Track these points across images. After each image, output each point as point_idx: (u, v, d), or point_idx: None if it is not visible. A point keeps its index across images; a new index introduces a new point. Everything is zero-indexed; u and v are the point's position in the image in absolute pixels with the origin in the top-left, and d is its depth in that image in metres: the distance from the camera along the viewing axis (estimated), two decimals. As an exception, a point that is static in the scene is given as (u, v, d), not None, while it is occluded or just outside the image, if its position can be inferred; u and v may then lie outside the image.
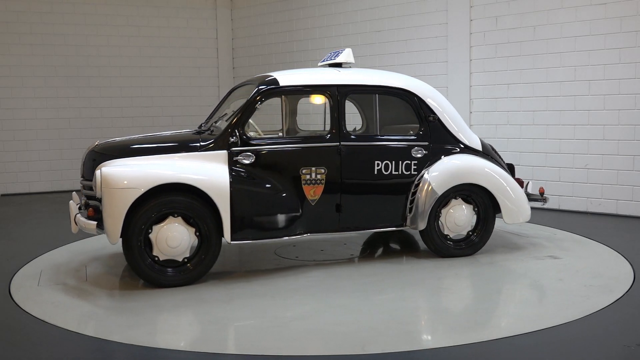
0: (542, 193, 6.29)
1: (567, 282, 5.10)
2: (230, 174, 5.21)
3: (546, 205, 6.80)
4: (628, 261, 5.69)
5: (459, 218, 5.82)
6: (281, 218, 5.37)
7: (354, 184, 5.64)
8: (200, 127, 6.09)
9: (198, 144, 5.31)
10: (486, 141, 6.46)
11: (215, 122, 5.82)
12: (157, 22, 11.41)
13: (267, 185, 5.36)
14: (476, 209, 5.91)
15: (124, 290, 5.21)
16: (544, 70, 8.17)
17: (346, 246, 6.46)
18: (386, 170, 5.72)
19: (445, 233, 5.86)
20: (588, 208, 7.99)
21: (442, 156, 5.85)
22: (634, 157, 7.61)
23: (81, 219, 5.20)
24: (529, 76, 8.31)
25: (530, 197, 6.20)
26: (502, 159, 6.31)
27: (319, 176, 5.51)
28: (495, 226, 6.06)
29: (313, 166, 5.49)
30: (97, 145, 5.57)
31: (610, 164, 7.77)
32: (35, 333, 4.26)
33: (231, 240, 5.20)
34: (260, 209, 5.29)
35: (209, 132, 5.68)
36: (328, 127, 5.66)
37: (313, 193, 5.50)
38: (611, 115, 7.73)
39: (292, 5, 10.97)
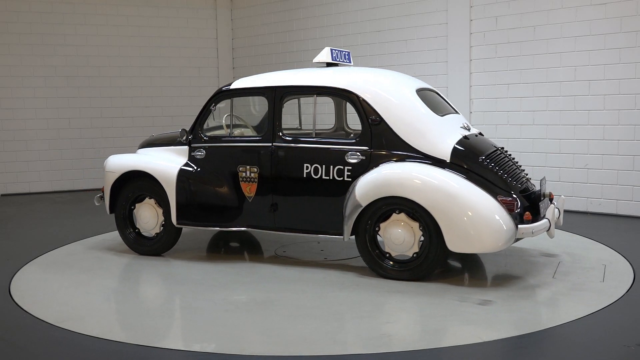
0: (528, 220, 4.99)
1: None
2: (182, 165, 5.98)
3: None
4: (628, 261, 5.69)
5: (395, 235, 5.12)
6: (221, 210, 5.86)
7: (285, 185, 5.63)
8: None
9: (177, 140, 6.16)
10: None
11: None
12: (157, 22, 11.41)
13: (211, 179, 5.90)
14: (421, 228, 5.08)
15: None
16: (544, 70, 8.17)
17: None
18: (316, 174, 5.46)
19: (386, 251, 5.22)
20: (588, 208, 7.99)
21: (383, 163, 5.26)
22: (634, 157, 7.60)
23: None
24: (529, 76, 8.31)
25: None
26: (497, 174, 5.14)
27: (252, 174, 5.74)
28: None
29: (248, 164, 5.75)
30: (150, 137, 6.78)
31: (610, 164, 7.77)
32: (35, 333, 4.26)
33: (177, 224, 5.93)
34: (202, 199, 5.90)
35: None
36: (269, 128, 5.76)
37: (249, 190, 5.76)
38: (611, 115, 7.72)
39: (291, 5, 10.97)
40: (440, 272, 5.43)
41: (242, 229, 5.81)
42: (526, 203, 5.16)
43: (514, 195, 5.06)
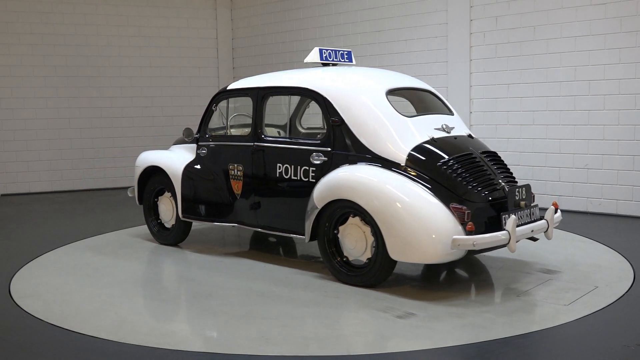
0: (470, 231, 4.56)
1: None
2: (189, 162, 6.27)
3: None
4: (628, 261, 5.69)
5: (348, 239, 5.01)
6: (216, 206, 6.09)
7: (263, 184, 5.74)
8: None
9: (189, 138, 6.38)
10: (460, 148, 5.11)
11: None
12: (157, 22, 11.41)
13: (209, 176, 6.14)
14: (372, 233, 4.84)
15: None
16: (544, 70, 8.17)
17: None
18: (286, 174, 5.52)
19: (345, 255, 5.09)
20: (588, 208, 7.99)
21: (341, 165, 5.13)
22: (634, 157, 7.60)
23: None
24: (529, 76, 8.31)
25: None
26: (456, 179, 4.79)
27: (239, 173, 5.92)
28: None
29: (236, 163, 5.93)
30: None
31: (610, 164, 7.77)
32: (35, 333, 4.26)
33: (182, 217, 6.26)
34: (201, 194, 6.16)
35: None
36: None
37: (237, 187, 5.93)
38: (611, 115, 7.72)
39: (292, 5, 10.97)
40: (411, 281, 5.26)
41: (233, 225, 6.03)
42: (491, 212, 4.78)
43: (476, 202, 4.73)
